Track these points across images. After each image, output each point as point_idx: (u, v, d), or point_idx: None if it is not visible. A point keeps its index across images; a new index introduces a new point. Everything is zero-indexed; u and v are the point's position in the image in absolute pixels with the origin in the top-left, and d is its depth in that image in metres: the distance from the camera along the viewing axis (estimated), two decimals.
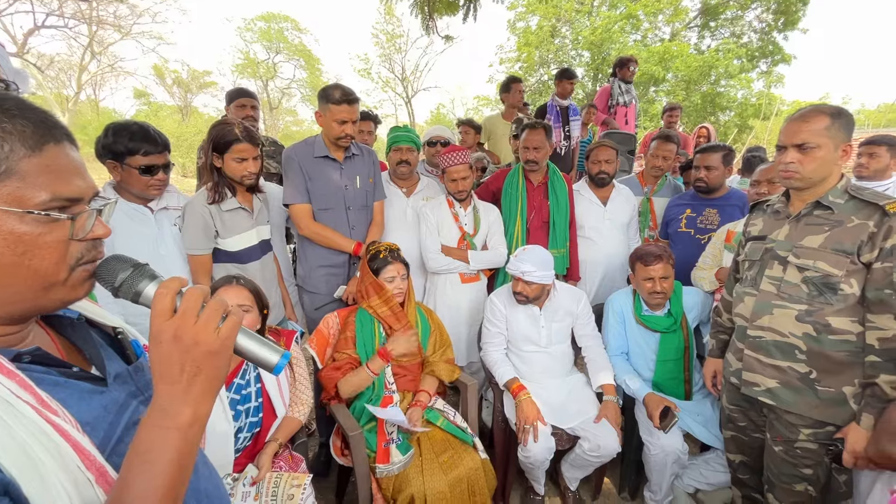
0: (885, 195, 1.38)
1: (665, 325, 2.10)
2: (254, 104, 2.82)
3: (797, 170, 1.43)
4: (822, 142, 1.39)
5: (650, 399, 1.98)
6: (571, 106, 4.10)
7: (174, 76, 24.37)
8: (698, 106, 15.81)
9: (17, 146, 0.46)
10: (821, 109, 1.43)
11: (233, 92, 2.88)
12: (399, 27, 23.42)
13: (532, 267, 2.00)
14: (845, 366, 1.42)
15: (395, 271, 1.95)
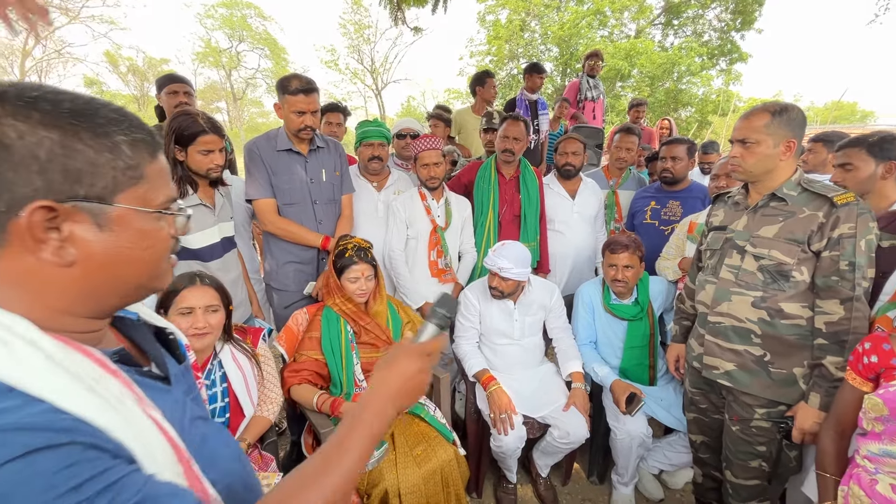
0: (835, 187, 1.46)
1: (632, 313, 2.17)
2: (187, 90, 2.58)
3: (739, 163, 1.54)
4: (761, 138, 1.48)
5: (617, 385, 2.04)
6: (540, 100, 4.14)
7: (129, 64, 23.13)
8: (662, 102, 16.31)
9: (145, 154, 0.52)
10: (765, 108, 1.50)
11: (163, 78, 2.62)
12: (367, 17, 22.99)
13: (510, 264, 2.01)
14: (796, 348, 1.51)
15: (359, 272, 1.89)
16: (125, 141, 0.50)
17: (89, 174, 0.47)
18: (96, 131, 0.47)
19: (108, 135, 0.48)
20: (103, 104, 0.50)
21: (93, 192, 0.47)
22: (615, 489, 2.18)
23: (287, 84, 2.01)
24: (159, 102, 2.64)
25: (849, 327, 1.40)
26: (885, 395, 1.13)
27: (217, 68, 24.73)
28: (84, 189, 0.47)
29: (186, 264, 1.85)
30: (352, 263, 1.89)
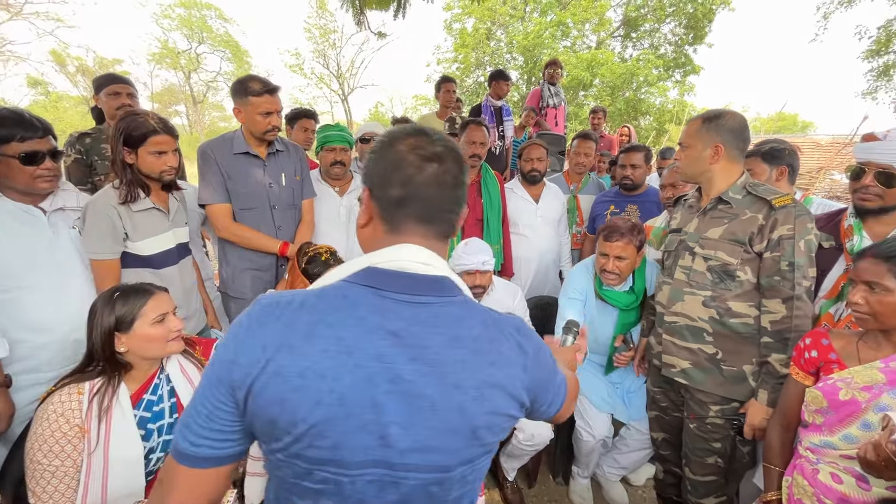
0: (775, 191, 1.52)
1: (625, 302, 2.03)
2: (130, 91, 2.42)
3: (678, 166, 1.69)
4: (692, 142, 1.59)
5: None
6: (504, 107, 4.21)
7: (77, 63, 21.92)
8: (622, 110, 16.94)
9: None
10: (700, 115, 1.60)
11: (102, 78, 2.45)
12: (333, 22, 22.78)
13: (486, 256, 2.02)
14: (745, 346, 1.57)
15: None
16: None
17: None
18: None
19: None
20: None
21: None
22: (573, 479, 2.25)
23: (249, 86, 1.95)
24: (97, 104, 2.47)
25: (790, 325, 1.45)
26: (823, 387, 1.19)
27: (175, 70, 23.83)
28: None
29: (135, 272, 1.75)
30: (329, 266, 1.84)
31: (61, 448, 1.21)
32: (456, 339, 0.67)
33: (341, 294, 0.67)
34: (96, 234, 1.65)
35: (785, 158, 1.91)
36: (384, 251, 0.69)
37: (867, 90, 11.18)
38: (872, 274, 1.13)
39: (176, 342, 1.40)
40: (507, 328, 0.73)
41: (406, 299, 0.67)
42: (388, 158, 0.69)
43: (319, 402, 0.61)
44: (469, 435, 0.67)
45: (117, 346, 1.29)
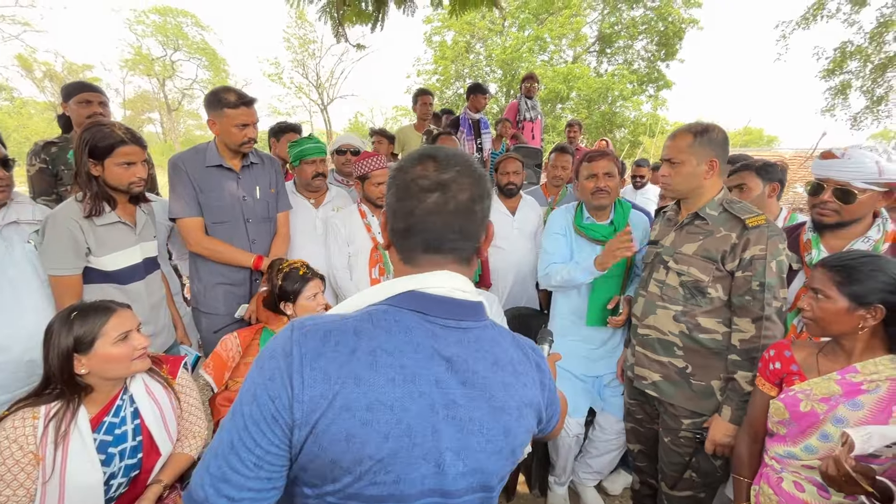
0: (751, 210, 1.51)
1: (605, 232, 2.00)
2: (102, 100, 2.36)
3: (668, 182, 1.61)
4: (686, 158, 1.54)
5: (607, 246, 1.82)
6: (482, 119, 4.26)
7: (45, 68, 21.24)
8: (598, 123, 17.39)
9: None
10: (688, 128, 1.56)
11: (72, 86, 2.38)
12: (312, 32, 22.77)
13: None
14: (713, 361, 1.57)
15: (316, 287, 1.82)
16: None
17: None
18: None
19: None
20: None
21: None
22: (550, 490, 2.25)
23: (224, 98, 1.92)
24: (65, 112, 2.39)
25: (759, 345, 1.45)
26: (785, 399, 1.22)
27: (149, 77, 23.34)
28: None
29: (100, 288, 1.69)
30: (307, 281, 1.80)
31: (13, 476, 1.15)
32: (496, 362, 0.69)
33: (393, 319, 0.65)
34: (56, 249, 1.58)
35: (777, 174, 1.98)
36: (424, 276, 0.67)
37: (825, 107, 11.77)
38: (819, 282, 1.18)
39: (141, 360, 1.34)
40: (526, 348, 0.76)
41: (451, 324, 0.67)
42: (397, 188, 0.69)
43: (388, 435, 0.59)
44: (509, 453, 0.70)
45: (76, 368, 1.24)
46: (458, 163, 0.68)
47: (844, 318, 1.13)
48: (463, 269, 0.71)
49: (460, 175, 0.67)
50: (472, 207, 0.68)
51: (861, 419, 1.09)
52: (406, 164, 0.70)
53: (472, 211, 0.68)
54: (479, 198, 0.69)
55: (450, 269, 0.69)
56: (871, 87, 10.88)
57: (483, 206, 0.70)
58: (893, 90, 10.67)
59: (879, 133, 16.27)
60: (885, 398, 1.09)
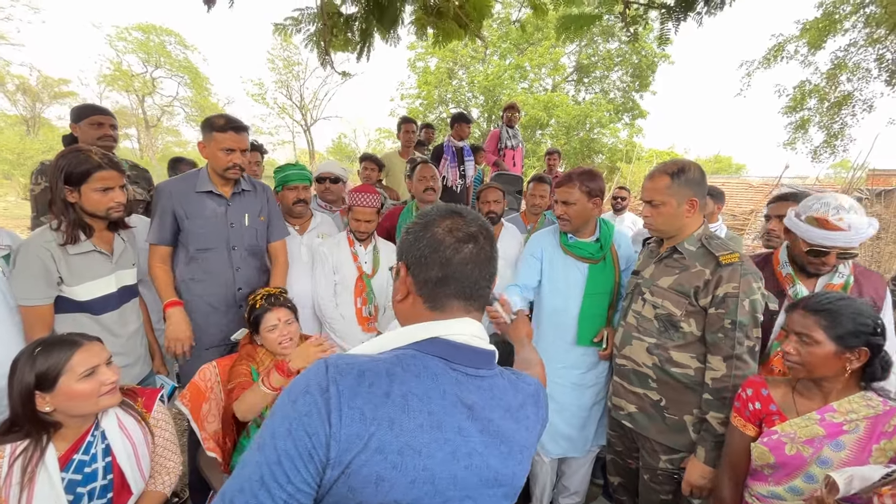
0: (726, 247, 1.51)
1: (591, 250, 2.00)
2: (112, 123, 2.41)
3: (651, 223, 1.63)
4: (665, 199, 1.55)
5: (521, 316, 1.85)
6: (465, 147, 4.36)
7: (18, 82, 20.76)
8: (577, 149, 17.90)
9: None
10: (664, 169, 1.56)
11: (85, 108, 2.42)
12: (297, 54, 22.99)
13: None
14: (686, 396, 1.57)
15: (275, 318, 1.76)
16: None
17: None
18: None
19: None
20: None
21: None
22: None
23: (214, 121, 1.93)
24: (73, 132, 2.37)
25: (729, 384, 1.43)
26: (769, 443, 1.22)
27: (128, 93, 23.03)
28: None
29: (72, 318, 1.65)
30: (265, 311, 1.76)
31: None
32: (508, 409, 0.72)
33: (421, 364, 0.67)
34: (26, 278, 1.54)
35: (721, 198, 2.16)
36: (449, 323, 0.71)
37: (787, 141, 12.44)
38: (802, 326, 1.19)
39: (110, 395, 1.29)
40: (527, 388, 0.79)
41: (471, 372, 0.70)
42: (426, 240, 0.73)
43: (414, 481, 0.60)
44: (513, 495, 0.74)
45: (40, 405, 1.19)
46: (478, 218, 0.78)
47: (832, 361, 1.15)
48: (480, 316, 0.76)
49: (481, 230, 0.76)
50: (493, 257, 0.77)
51: (843, 459, 1.12)
52: (434, 218, 0.75)
53: (494, 260, 0.77)
54: (494, 250, 0.78)
55: (472, 317, 0.74)
56: (829, 124, 11.58)
57: (496, 258, 0.78)
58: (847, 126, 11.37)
59: (839, 163, 17.23)
60: (864, 438, 1.12)
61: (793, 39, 11.12)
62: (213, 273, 2.03)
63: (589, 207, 1.93)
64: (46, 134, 19.94)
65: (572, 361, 2.04)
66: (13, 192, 14.99)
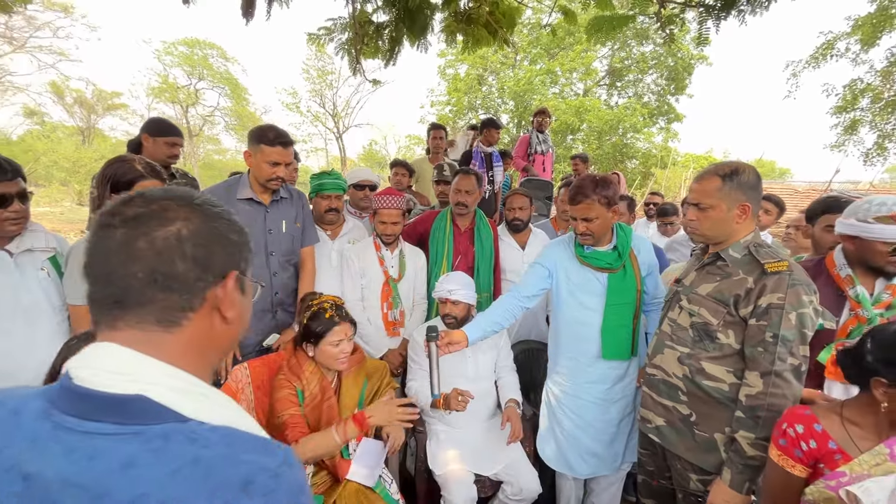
0: (775, 254, 1.39)
1: (609, 259, 1.91)
2: (182, 143, 2.63)
3: (696, 227, 1.53)
4: (714, 202, 1.44)
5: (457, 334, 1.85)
6: (494, 153, 4.34)
7: (76, 95, 22.24)
8: (609, 154, 17.53)
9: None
10: (716, 171, 1.46)
11: (164, 125, 2.60)
12: (330, 64, 23.62)
13: (457, 286, 2.10)
14: (718, 412, 1.46)
15: (342, 333, 1.70)
16: (241, 230, 0.63)
17: (242, 251, 0.62)
18: (234, 220, 0.62)
19: (237, 223, 0.63)
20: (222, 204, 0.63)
21: (244, 266, 0.63)
22: None
23: (264, 134, 1.99)
24: (144, 142, 2.52)
25: (764, 403, 1.32)
26: (836, 486, 1.07)
27: (173, 104, 24.27)
28: (243, 263, 0.62)
29: None
30: (333, 325, 1.69)
31: None
32: (99, 498, 0.43)
33: (15, 408, 0.50)
34: (76, 280, 1.63)
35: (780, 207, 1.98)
36: (84, 352, 0.52)
37: (835, 143, 11.76)
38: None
39: None
40: (219, 485, 0.44)
41: (72, 425, 0.47)
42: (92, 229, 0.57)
43: None
44: None
45: None
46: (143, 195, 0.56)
47: None
48: (140, 336, 0.52)
49: (129, 206, 0.54)
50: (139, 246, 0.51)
51: None
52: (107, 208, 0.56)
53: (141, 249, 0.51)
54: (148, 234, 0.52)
55: (123, 337, 0.52)
56: (882, 124, 10.88)
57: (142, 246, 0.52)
58: None
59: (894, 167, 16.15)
60: None
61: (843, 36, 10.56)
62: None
63: (609, 217, 1.86)
64: (99, 143, 21.27)
65: (598, 376, 1.97)
66: (69, 197, 16.05)
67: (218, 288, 0.57)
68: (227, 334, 0.61)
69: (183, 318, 0.55)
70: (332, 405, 1.74)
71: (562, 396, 2.03)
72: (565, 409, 2.02)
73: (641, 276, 1.94)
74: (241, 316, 0.62)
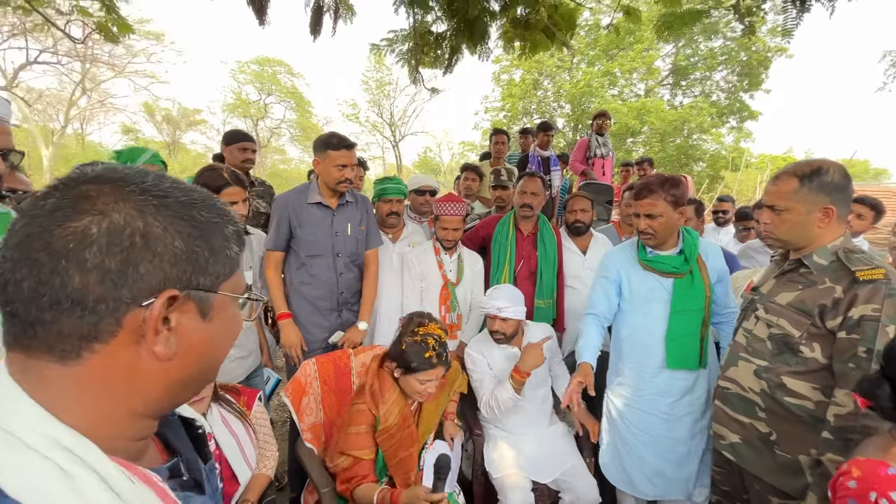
0: (869, 261, 1.28)
1: (674, 263, 1.81)
2: (254, 148, 2.90)
3: (771, 230, 1.44)
4: (791, 205, 1.36)
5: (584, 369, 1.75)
6: (552, 157, 4.29)
7: (164, 113, 24.67)
8: (673, 157, 16.65)
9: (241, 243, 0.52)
10: (794, 171, 1.37)
11: (236, 134, 2.91)
12: (389, 75, 24.42)
13: (506, 303, 2.03)
14: (803, 432, 1.34)
15: (434, 375, 1.62)
16: (232, 231, 0.49)
17: (211, 263, 0.46)
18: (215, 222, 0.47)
19: (223, 225, 0.48)
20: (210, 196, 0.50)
21: (207, 281, 0.46)
22: None
23: (329, 140, 2.13)
24: (223, 153, 2.86)
25: (857, 425, 1.20)
26: None
27: (245, 118, 26.19)
28: (204, 278, 0.46)
29: None
30: (430, 367, 1.60)
31: None
32: None
33: None
34: None
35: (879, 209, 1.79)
36: None
37: None
38: None
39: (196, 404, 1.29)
40: None
41: None
42: None
43: None
44: None
45: None
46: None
47: None
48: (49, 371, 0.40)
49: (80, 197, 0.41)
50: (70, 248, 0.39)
51: None
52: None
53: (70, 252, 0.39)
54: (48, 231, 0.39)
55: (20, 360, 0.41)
56: None
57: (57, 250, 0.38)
58: None
59: None
60: None
61: None
62: (319, 278, 2.23)
63: (675, 218, 1.77)
64: (183, 157, 23.40)
65: (662, 387, 1.86)
66: None
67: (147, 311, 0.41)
68: (163, 375, 0.44)
69: (84, 348, 0.40)
70: (411, 433, 1.69)
71: (624, 409, 1.94)
72: (628, 424, 1.93)
73: (710, 283, 1.84)
74: (194, 350, 0.46)
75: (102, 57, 18.54)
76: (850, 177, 1.35)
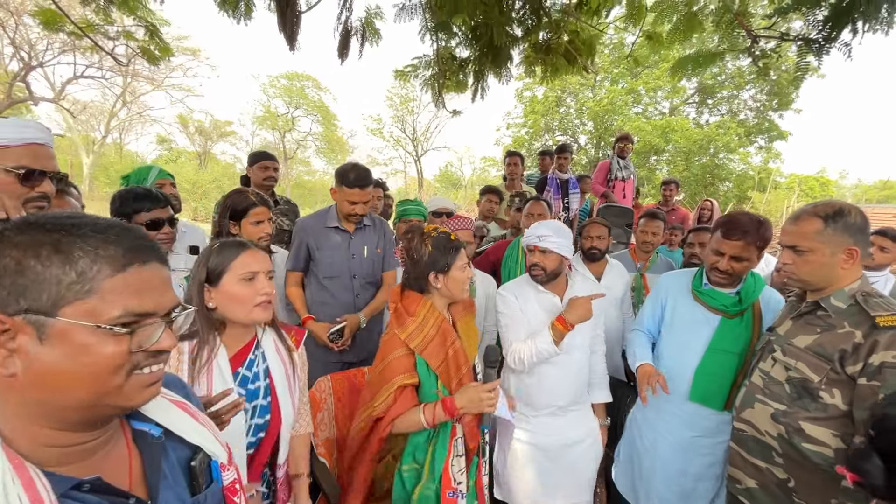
0: (889, 306, 1.27)
1: (728, 302, 1.76)
2: (276, 166, 3.03)
3: (792, 271, 1.41)
4: (815, 246, 1.34)
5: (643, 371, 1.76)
6: (571, 179, 4.30)
7: (197, 125, 25.71)
8: (698, 176, 16.36)
9: (105, 268, 0.52)
10: (816, 211, 1.36)
11: (257, 155, 3.05)
12: (413, 91, 24.93)
13: (548, 231, 1.81)
14: (821, 481, 1.31)
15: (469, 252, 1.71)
16: (84, 257, 0.51)
17: (34, 289, 0.49)
18: (57, 247, 0.50)
19: (67, 251, 0.50)
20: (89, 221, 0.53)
21: (35, 306, 0.49)
22: None
23: (346, 175, 2.21)
24: (248, 174, 3.00)
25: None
26: None
27: (273, 130, 27.05)
28: (27, 303, 0.49)
29: None
30: (461, 246, 1.54)
31: None
32: None
33: None
34: None
35: None
36: None
37: None
38: None
39: (262, 309, 1.24)
40: None
41: None
42: None
43: None
44: None
45: (206, 299, 1.21)
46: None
47: None
48: None
49: None
50: None
51: None
52: None
53: None
54: None
55: None
56: None
57: None
58: None
59: None
60: None
61: None
62: (337, 298, 2.32)
63: (755, 263, 1.72)
64: (213, 167, 24.26)
65: (684, 419, 1.83)
66: (187, 215, 18.44)
67: None
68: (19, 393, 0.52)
69: None
70: (457, 349, 1.54)
71: (643, 426, 1.95)
72: (644, 440, 1.93)
73: (760, 331, 1.74)
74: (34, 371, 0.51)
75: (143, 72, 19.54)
76: (868, 219, 1.35)
